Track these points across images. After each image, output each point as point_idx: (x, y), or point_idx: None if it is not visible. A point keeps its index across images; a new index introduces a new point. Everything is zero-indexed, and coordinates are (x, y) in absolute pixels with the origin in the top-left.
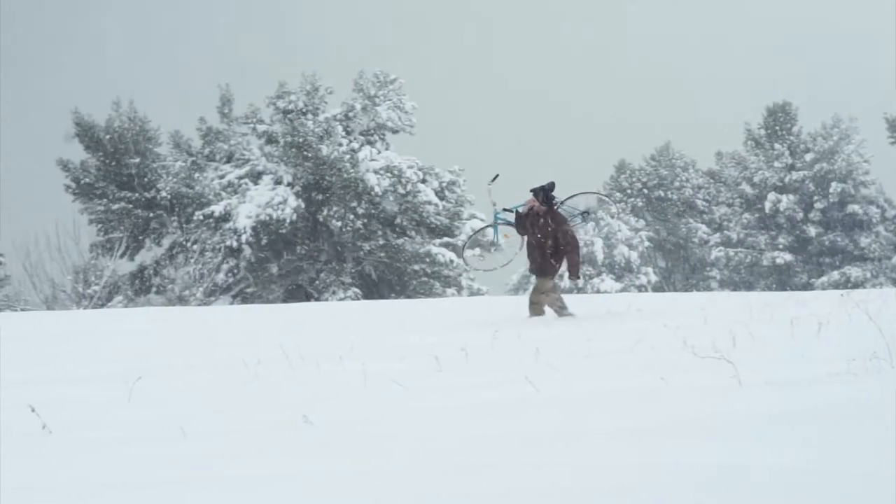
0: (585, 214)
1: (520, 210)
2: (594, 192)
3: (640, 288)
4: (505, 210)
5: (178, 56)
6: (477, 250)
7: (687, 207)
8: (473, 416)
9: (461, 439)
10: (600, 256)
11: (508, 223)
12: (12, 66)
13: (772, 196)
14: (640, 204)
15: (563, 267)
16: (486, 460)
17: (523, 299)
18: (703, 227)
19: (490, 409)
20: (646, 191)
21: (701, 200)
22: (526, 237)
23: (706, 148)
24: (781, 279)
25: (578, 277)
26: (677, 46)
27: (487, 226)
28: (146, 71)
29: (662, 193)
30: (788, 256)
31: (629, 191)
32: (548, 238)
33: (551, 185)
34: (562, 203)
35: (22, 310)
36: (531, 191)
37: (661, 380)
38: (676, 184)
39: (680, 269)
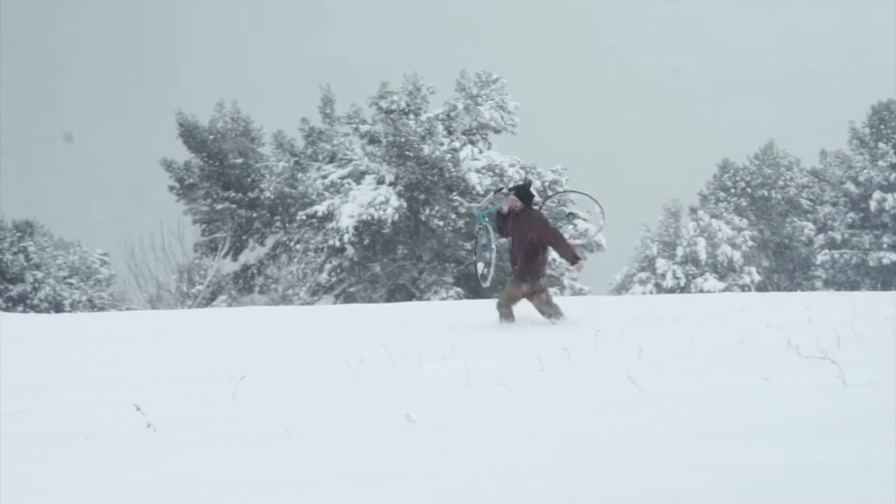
0: (570, 216)
1: (501, 210)
2: (576, 192)
3: (744, 287)
4: (490, 204)
5: (281, 56)
6: (481, 264)
7: (791, 206)
8: (576, 416)
9: (564, 439)
10: (703, 256)
11: (492, 224)
12: (118, 69)
13: (877, 195)
14: (744, 203)
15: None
16: (588, 461)
17: (625, 299)
18: (809, 225)
19: (593, 410)
20: (749, 190)
21: (805, 199)
22: (508, 239)
23: (810, 146)
24: (887, 279)
25: (577, 260)
26: (782, 44)
27: (479, 230)
28: (249, 71)
29: (766, 192)
30: (894, 256)
31: (732, 190)
32: (525, 236)
33: (528, 182)
34: (543, 202)
35: (127, 309)
36: (510, 189)
37: (764, 380)
38: (780, 183)
39: (784, 268)
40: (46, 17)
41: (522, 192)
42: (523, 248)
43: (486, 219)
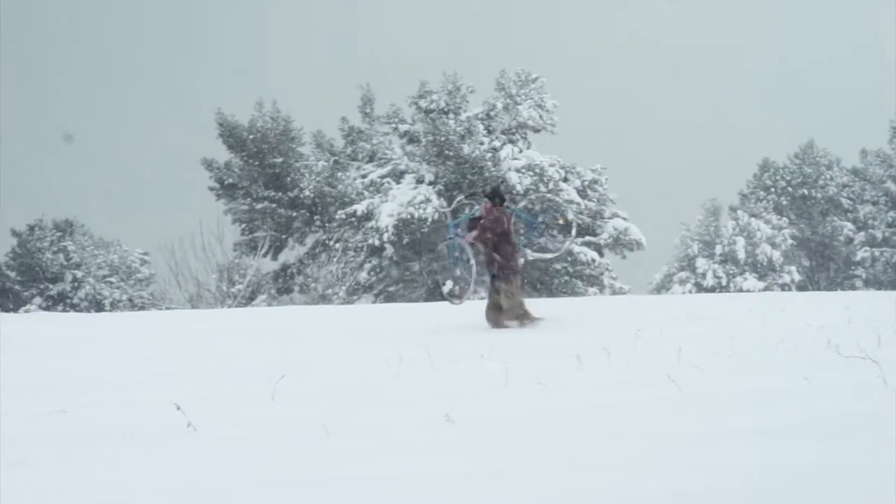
0: (543, 224)
1: (474, 215)
2: (547, 194)
3: (784, 287)
4: (458, 219)
5: (320, 55)
6: (449, 282)
7: (831, 205)
8: (614, 415)
9: (602, 439)
10: (742, 255)
11: (461, 234)
12: (157, 67)
13: None
14: (784, 202)
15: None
16: (625, 461)
17: (665, 299)
18: (849, 225)
19: (632, 409)
20: (790, 189)
21: (845, 199)
22: (484, 244)
23: (851, 145)
24: None
25: (510, 266)
26: (821, 44)
27: (444, 242)
28: (288, 70)
29: (806, 192)
30: None
31: (772, 189)
32: (496, 233)
33: (498, 185)
34: (516, 206)
35: (167, 308)
36: (483, 195)
37: (805, 379)
38: (821, 182)
39: (824, 267)
40: (79, 13)
41: (493, 193)
42: (499, 245)
43: (458, 229)
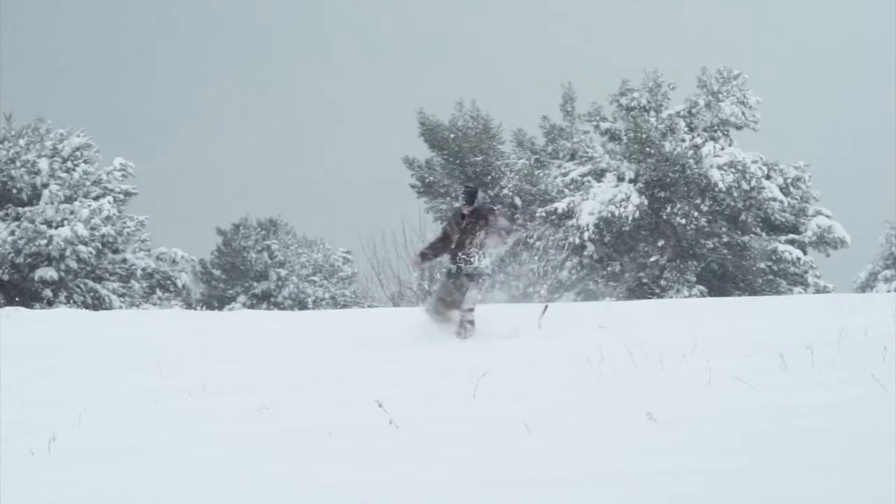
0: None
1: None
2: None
3: None
4: None
5: (521, 55)
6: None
7: None
8: (818, 414)
9: (807, 438)
10: None
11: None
12: (364, 72)
13: None
14: None
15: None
16: (829, 460)
17: (870, 297)
18: None
19: (835, 409)
20: None
21: None
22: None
23: None
24: None
25: (525, 229)
26: None
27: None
28: (488, 69)
29: None
30: None
31: None
32: (471, 234)
33: (474, 188)
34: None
35: (369, 306)
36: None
37: None
38: None
39: None
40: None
41: (467, 196)
42: (467, 243)
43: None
